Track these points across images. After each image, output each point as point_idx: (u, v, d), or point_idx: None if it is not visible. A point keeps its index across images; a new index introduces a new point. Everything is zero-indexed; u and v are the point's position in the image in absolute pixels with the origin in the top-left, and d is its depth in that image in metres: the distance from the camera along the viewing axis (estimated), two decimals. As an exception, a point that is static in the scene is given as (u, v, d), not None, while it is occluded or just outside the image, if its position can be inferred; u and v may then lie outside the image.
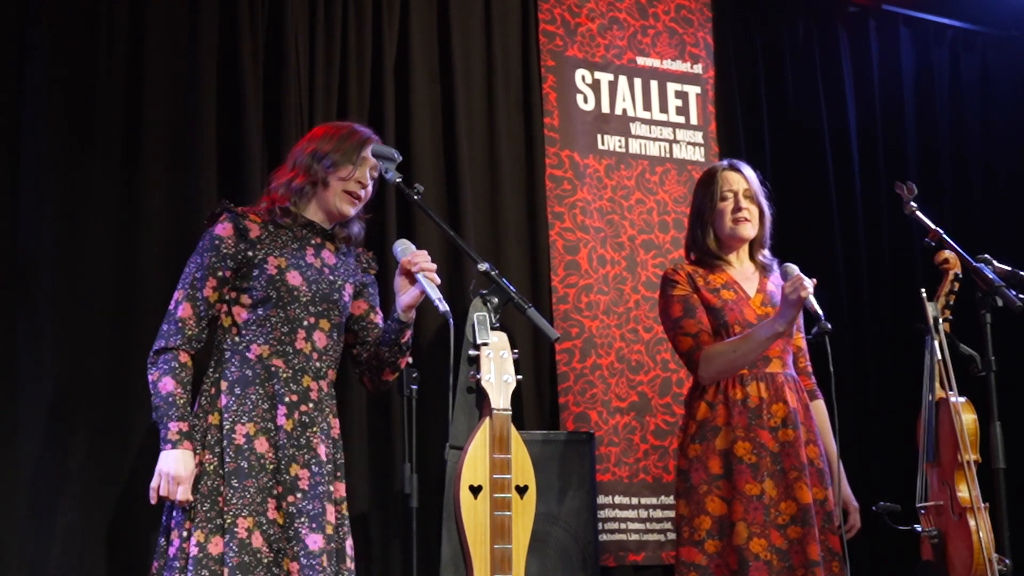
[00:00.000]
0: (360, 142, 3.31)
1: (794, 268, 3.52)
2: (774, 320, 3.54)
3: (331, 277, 3.28)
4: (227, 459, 3.09)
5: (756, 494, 3.54)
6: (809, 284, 3.46)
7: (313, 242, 3.30)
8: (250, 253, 3.20)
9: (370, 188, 3.35)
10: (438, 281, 3.23)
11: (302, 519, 3.09)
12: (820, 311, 3.42)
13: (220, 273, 3.18)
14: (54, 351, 3.82)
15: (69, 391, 3.82)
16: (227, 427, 3.11)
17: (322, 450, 3.17)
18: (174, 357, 3.13)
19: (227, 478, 3.07)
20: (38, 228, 3.86)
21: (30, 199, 3.87)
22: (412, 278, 3.24)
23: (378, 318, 3.42)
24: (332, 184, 3.27)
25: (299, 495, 3.11)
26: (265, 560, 3.06)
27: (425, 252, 3.27)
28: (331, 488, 3.20)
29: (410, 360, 3.86)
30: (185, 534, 3.07)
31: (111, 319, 3.91)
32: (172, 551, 3.08)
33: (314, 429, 3.17)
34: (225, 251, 3.19)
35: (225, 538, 3.04)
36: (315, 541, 3.09)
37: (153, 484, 3.08)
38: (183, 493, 3.05)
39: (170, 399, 3.10)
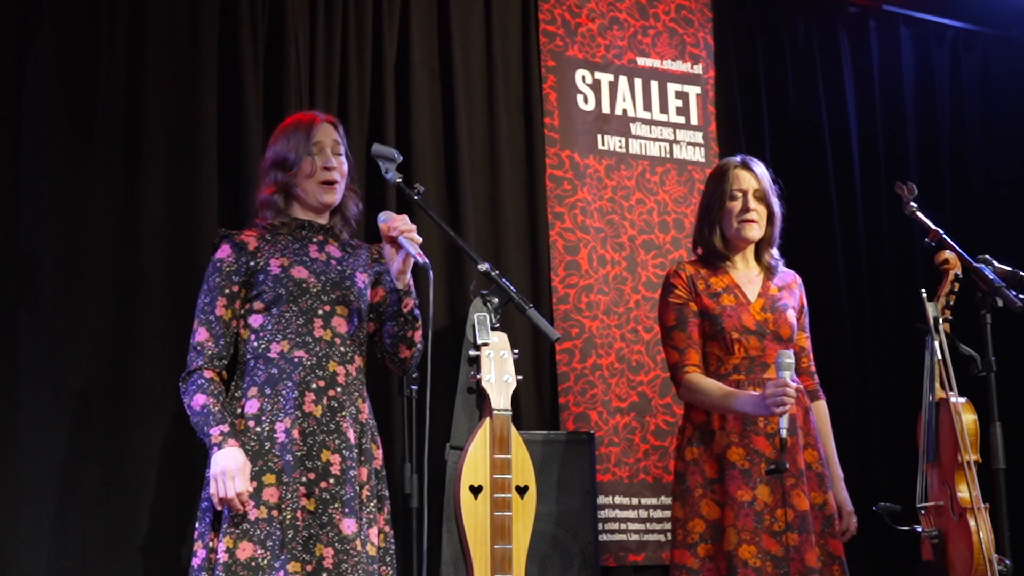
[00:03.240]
0: (306, 130, 3.32)
1: (788, 364, 3.45)
2: (748, 405, 3.51)
3: (339, 267, 3.31)
4: (276, 458, 3.12)
5: (747, 500, 3.53)
6: (790, 396, 3.40)
7: (315, 239, 3.33)
8: (252, 263, 3.24)
9: (342, 164, 3.35)
10: (419, 240, 3.22)
11: (335, 504, 3.12)
12: (785, 434, 3.39)
13: (228, 290, 3.23)
14: (54, 350, 3.81)
15: (69, 390, 3.82)
16: (266, 429, 3.14)
17: (351, 434, 3.20)
18: (199, 375, 3.18)
19: (279, 475, 3.11)
20: (38, 227, 3.86)
21: (30, 198, 3.87)
22: (396, 244, 3.24)
23: None
24: (302, 184, 3.30)
25: (332, 480, 3.13)
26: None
27: (404, 216, 3.26)
28: (357, 472, 3.21)
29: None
30: (211, 544, 3.08)
31: (111, 318, 3.91)
32: (197, 562, 3.10)
33: (343, 414, 3.20)
34: (228, 269, 3.24)
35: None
36: (349, 526, 3.12)
37: (212, 490, 3.09)
38: (241, 484, 3.06)
39: (205, 410, 3.14)
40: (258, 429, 3.14)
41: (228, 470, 3.05)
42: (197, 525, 3.15)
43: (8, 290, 3.81)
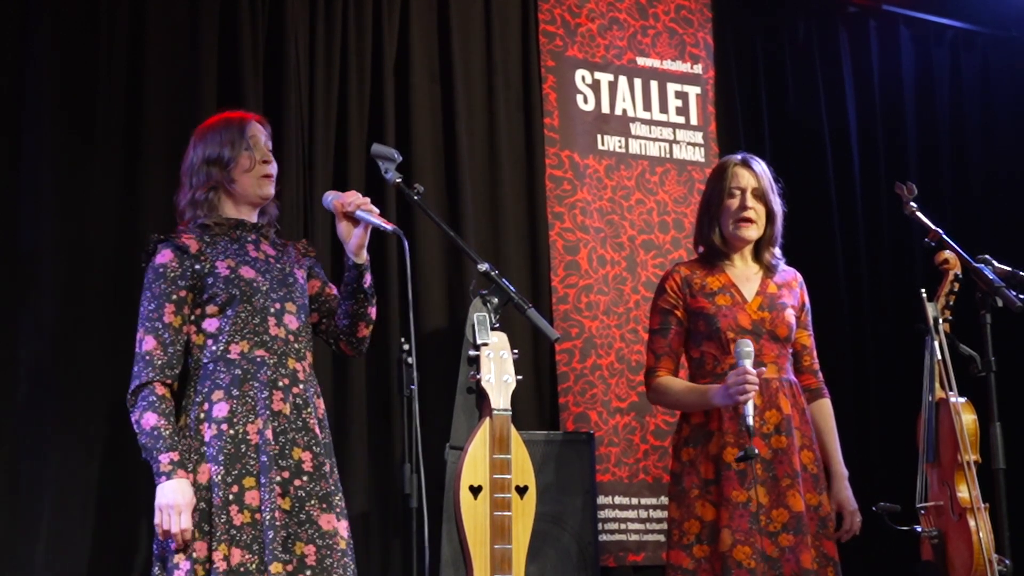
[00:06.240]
0: (238, 126, 3.32)
1: (748, 352, 3.48)
2: (716, 397, 3.54)
3: (279, 264, 3.31)
4: (252, 460, 3.09)
5: (742, 501, 3.53)
6: (752, 383, 3.42)
7: (250, 239, 3.31)
8: (197, 266, 3.20)
9: (272, 160, 3.35)
10: (376, 211, 3.24)
11: (312, 501, 3.12)
12: (751, 421, 3.41)
13: (175, 296, 3.18)
14: (54, 350, 3.81)
15: (69, 390, 3.82)
16: (239, 431, 3.10)
17: (317, 430, 3.20)
18: (151, 392, 3.12)
19: (258, 477, 3.08)
20: (38, 227, 3.86)
21: (30, 198, 3.87)
22: (352, 219, 3.25)
23: (333, 290, 3.44)
24: (240, 179, 3.28)
25: (305, 478, 3.13)
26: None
27: (354, 191, 3.28)
28: (327, 467, 3.21)
29: (410, 361, 3.87)
30: (196, 555, 3.03)
31: (112, 317, 3.91)
32: (180, 574, 3.04)
33: (308, 410, 3.20)
34: (172, 274, 3.19)
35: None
36: (328, 521, 3.12)
37: (156, 520, 3.05)
38: (185, 521, 3.02)
39: (155, 432, 3.08)
40: (231, 432, 3.10)
41: (176, 504, 3.02)
42: (168, 540, 3.07)
43: (8, 289, 3.82)
